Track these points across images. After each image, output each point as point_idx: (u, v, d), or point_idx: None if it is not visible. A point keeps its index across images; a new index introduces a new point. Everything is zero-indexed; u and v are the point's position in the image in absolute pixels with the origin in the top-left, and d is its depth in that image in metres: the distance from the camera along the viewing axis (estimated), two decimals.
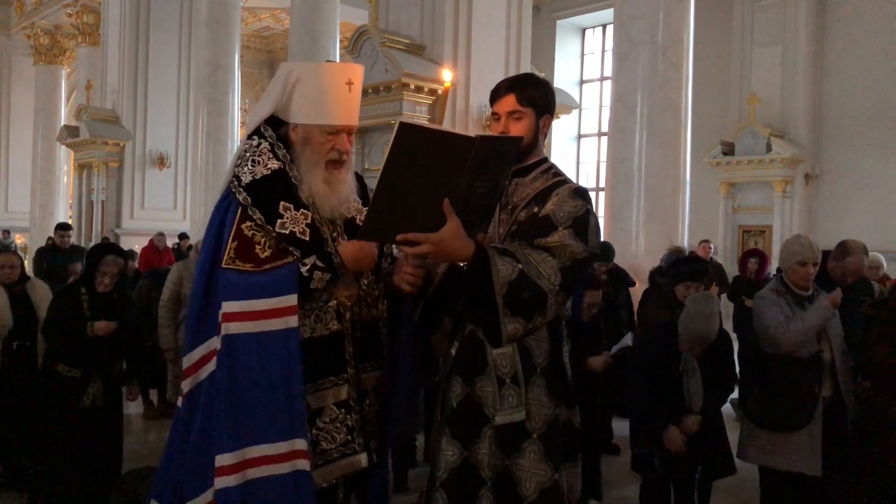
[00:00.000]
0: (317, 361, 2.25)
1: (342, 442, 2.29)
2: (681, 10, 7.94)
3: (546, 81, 2.46)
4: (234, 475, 2.11)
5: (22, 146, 20.53)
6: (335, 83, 2.29)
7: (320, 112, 2.28)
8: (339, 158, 2.32)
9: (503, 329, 2.09)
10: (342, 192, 2.35)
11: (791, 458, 3.85)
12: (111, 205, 15.11)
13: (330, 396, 2.28)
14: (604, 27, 18.75)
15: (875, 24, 13.51)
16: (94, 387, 4.26)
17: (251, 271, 2.19)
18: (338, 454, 2.28)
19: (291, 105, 2.32)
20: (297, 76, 2.31)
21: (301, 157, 2.31)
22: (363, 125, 8.84)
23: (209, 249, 2.27)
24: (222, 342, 2.15)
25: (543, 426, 2.30)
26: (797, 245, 3.99)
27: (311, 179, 2.30)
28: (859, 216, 13.11)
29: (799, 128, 13.91)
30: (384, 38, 8.51)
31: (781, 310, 3.87)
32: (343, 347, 2.31)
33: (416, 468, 5.14)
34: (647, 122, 7.80)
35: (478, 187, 2.03)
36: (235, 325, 2.14)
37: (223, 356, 2.15)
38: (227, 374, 2.14)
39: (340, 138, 2.31)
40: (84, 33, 17.81)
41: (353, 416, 2.31)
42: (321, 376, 2.27)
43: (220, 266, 2.21)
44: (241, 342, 2.14)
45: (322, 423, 2.26)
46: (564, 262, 2.14)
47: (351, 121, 2.33)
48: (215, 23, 13.57)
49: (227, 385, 2.14)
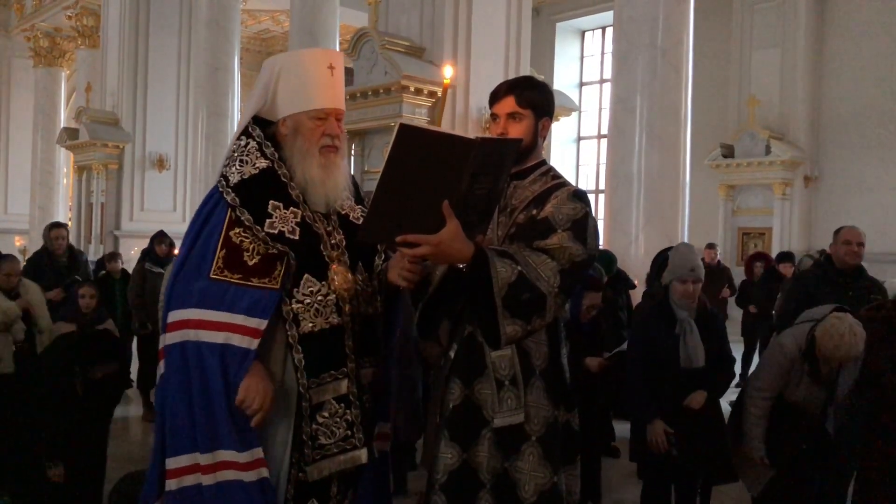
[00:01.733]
0: (318, 355, 2.24)
1: (342, 437, 2.28)
2: (680, 13, 7.93)
3: (545, 84, 2.47)
4: (208, 475, 2.13)
5: (21, 148, 20.51)
6: (317, 68, 2.31)
7: (306, 98, 2.29)
8: (332, 143, 2.31)
9: (502, 331, 2.08)
10: (338, 178, 2.34)
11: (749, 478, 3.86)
12: (111, 207, 15.09)
13: (330, 391, 2.27)
14: (603, 29, 18.76)
15: (874, 26, 13.52)
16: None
17: (234, 282, 2.18)
18: (337, 449, 2.27)
19: (277, 99, 2.33)
20: (280, 68, 2.33)
21: (293, 147, 2.31)
22: (363, 128, 8.86)
23: (185, 248, 2.28)
24: (188, 346, 2.16)
25: (542, 428, 2.30)
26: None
27: (306, 167, 2.29)
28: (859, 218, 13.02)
29: (798, 130, 13.92)
30: (384, 41, 8.52)
31: (784, 377, 3.76)
32: (343, 341, 2.30)
33: (414, 471, 5.13)
34: (647, 125, 7.79)
35: (477, 189, 2.03)
36: (206, 334, 2.15)
37: (192, 359, 2.15)
38: (199, 378, 2.14)
39: (329, 122, 2.31)
40: (84, 35, 17.81)
41: (354, 410, 2.30)
42: (322, 370, 2.26)
43: (194, 268, 2.21)
44: (209, 350, 2.15)
45: (321, 419, 2.26)
46: (563, 264, 2.14)
47: (337, 104, 2.34)
48: (215, 25, 13.58)
49: (200, 388, 2.14)
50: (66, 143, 16.00)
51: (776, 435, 3.80)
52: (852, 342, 3.52)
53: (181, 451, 2.16)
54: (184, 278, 2.22)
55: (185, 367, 2.16)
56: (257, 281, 2.19)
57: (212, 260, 2.19)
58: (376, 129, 8.76)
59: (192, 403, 2.15)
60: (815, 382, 3.73)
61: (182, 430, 2.16)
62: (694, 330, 3.87)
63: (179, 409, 2.17)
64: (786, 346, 3.80)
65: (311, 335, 2.25)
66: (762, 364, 3.97)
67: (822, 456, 3.85)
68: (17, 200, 20.62)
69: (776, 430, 3.81)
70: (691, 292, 3.88)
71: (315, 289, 2.26)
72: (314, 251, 2.28)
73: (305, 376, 2.23)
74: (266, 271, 2.21)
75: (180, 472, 2.16)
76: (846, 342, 3.53)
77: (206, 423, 2.14)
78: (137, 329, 7.23)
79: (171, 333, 2.19)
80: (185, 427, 2.16)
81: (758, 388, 3.84)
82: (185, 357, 2.16)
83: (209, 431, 2.14)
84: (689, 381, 3.85)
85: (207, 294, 2.16)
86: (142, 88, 15.23)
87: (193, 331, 2.15)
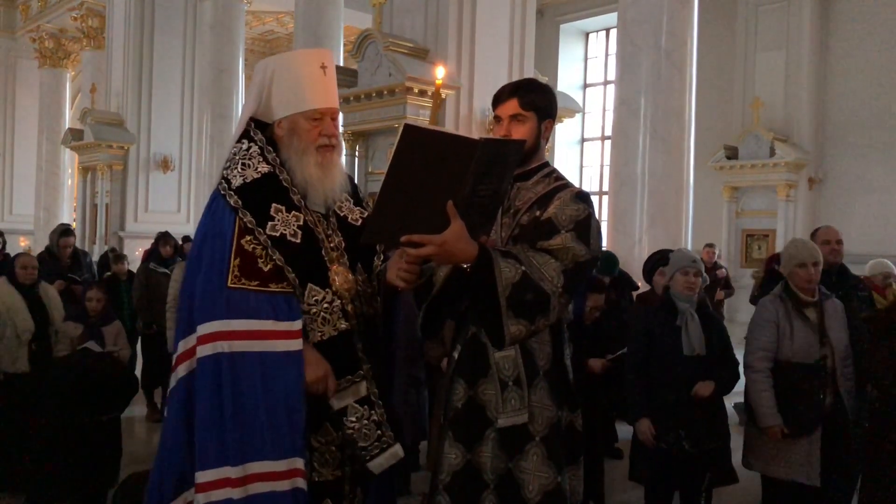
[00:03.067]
0: (332, 363, 2.25)
1: (376, 438, 2.29)
2: (684, 14, 7.93)
3: (548, 86, 2.48)
4: (238, 489, 2.12)
5: (26, 149, 20.55)
6: (309, 68, 2.32)
7: (300, 99, 2.31)
8: (329, 143, 2.33)
9: (506, 331, 2.09)
10: (335, 176, 2.35)
11: (790, 467, 3.84)
12: (115, 208, 15.13)
13: (350, 395, 2.28)
14: (607, 31, 18.75)
15: (879, 28, 13.50)
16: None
17: (253, 289, 2.18)
18: (377, 450, 2.29)
19: (272, 101, 2.35)
20: (273, 70, 2.35)
21: (290, 149, 2.32)
22: (366, 129, 8.87)
23: (195, 252, 2.29)
24: (222, 359, 2.15)
25: (546, 429, 2.30)
26: (793, 248, 4.02)
27: (304, 166, 2.30)
28: (863, 220, 13.11)
29: (802, 132, 13.91)
30: (388, 42, 8.52)
31: (774, 333, 3.88)
32: (353, 345, 2.31)
33: (419, 471, 5.14)
34: (651, 126, 7.79)
35: (481, 190, 2.03)
36: (240, 344, 2.15)
37: (225, 371, 2.15)
38: (231, 391, 2.14)
39: (325, 122, 2.33)
40: (89, 37, 17.84)
41: (378, 410, 2.31)
42: (339, 377, 2.26)
43: (215, 276, 2.20)
44: (244, 360, 2.15)
45: (351, 423, 2.27)
46: (567, 264, 2.15)
47: (331, 103, 2.35)
48: (220, 27, 13.60)
49: (232, 400, 2.14)
50: (70, 143, 16.04)
51: (786, 402, 3.84)
52: (806, 243, 4.03)
53: (209, 466, 2.14)
54: (205, 289, 2.21)
55: (218, 380, 2.14)
56: (275, 286, 2.21)
57: (227, 269, 2.19)
58: (380, 130, 8.76)
59: (223, 416, 2.14)
60: (804, 325, 3.86)
61: (212, 444, 2.14)
62: (695, 318, 3.95)
63: (211, 422, 2.15)
64: (765, 303, 4.02)
65: (322, 344, 2.26)
66: (751, 329, 4.06)
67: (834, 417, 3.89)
68: (22, 201, 20.65)
69: (784, 397, 3.85)
70: (693, 283, 3.97)
71: (320, 297, 2.27)
72: (315, 256, 2.29)
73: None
74: (282, 276, 2.22)
75: (208, 487, 2.14)
76: (800, 243, 4.05)
77: (238, 435, 2.13)
78: (142, 329, 7.25)
79: (203, 346, 2.17)
80: (215, 441, 2.14)
81: (753, 350, 3.95)
82: (218, 369, 2.14)
83: (241, 444, 2.13)
84: (695, 370, 3.89)
85: (231, 304, 2.17)
86: (146, 90, 15.27)
87: (227, 342, 2.14)
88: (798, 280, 3.92)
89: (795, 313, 3.89)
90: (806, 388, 3.82)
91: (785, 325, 3.88)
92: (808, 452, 3.81)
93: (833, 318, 3.94)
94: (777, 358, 3.89)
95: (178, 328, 2.31)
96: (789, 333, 3.87)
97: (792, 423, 3.82)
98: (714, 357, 3.95)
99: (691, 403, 3.85)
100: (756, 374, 3.91)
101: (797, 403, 3.82)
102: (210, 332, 2.16)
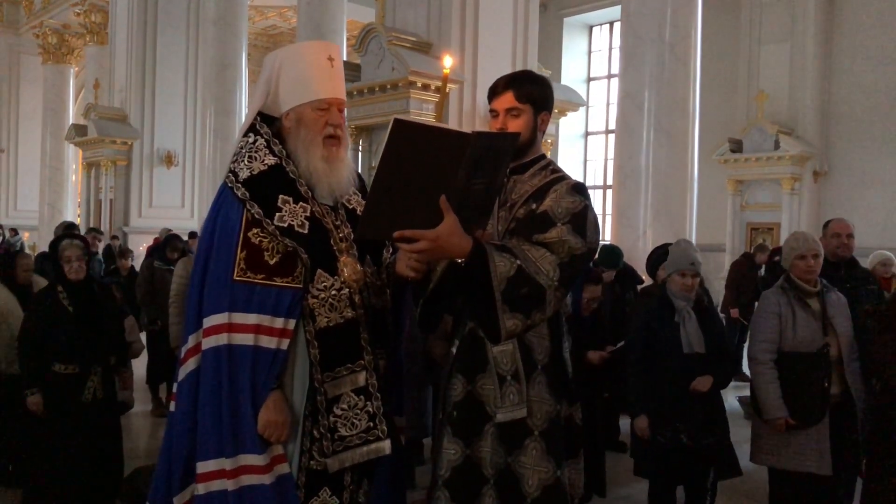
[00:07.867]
0: (334, 350, 2.28)
1: (364, 429, 2.30)
2: (688, 7, 7.89)
3: (544, 78, 2.46)
4: (231, 480, 2.17)
5: (30, 145, 20.61)
6: (317, 60, 2.35)
7: (307, 90, 2.33)
8: (335, 133, 2.35)
9: (502, 325, 2.08)
10: (341, 171, 2.37)
11: (801, 457, 3.84)
12: (119, 203, 15.16)
13: (347, 384, 2.30)
14: (611, 24, 18.68)
15: (884, 21, 13.42)
16: (93, 380, 4.24)
17: (258, 283, 2.22)
18: (359, 440, 2.30)
19: (280, 93, 2.37)
20: (280, 62, 2.38)
21: (297, 139, 2.34)
22: (370, 123, 8.86)
23: (203, 247, 2.32)
24: (222, 350, 2.20)
25: (545, 423, 2.30)
26: (793, 240, 4.05)
27: (310, 158, 2.32)
28: (868, 213, 13.04)
29: (807, 125, 13.83)
30: (391, 36, 8.50)
31: (777, 324, 3.89)
32: (359, 334, 2.33)
33: (423, 465, 5.14)
34: (655, 120, 7.76)
35: (475, 184, 2.02)
36: (239, 336, 2.19)
37: (223, 363, 2.19)
38: (229, 382, 2.19)
39: (332, 112, 2.35)
40: (92, 32, 17.87)
41: (375, 402, 2.32)
42: (337, 364, 2.29)
43: (221, 270, 2.24)
44: (240, 353, 2.20)
45: (339, 410, 2.28)
46: (563, 257, 2.14)
47: (338, 94, 2.38)
48: (223, 21, 13.57)
49: (229, 392, 2.19)
50: (74, 139, 16.08)
51: (791, 392, 3.85)
52: (806, 236, 4.07)
53: (209, 456, 2.20)
54: (212, 282, 2.25)
55: (218, 371, 2.20)
56: (280, 280, 2.23)
57: (234, 262, 2.22)
58: (383, 124, 8.73)
59: (221, 407, 2.19)
60: (807, 314, 3.87)
61: (211, 435, 2.20)
62: (692, 316, 3.97)
63: (210, 414, 2.21)
64: (767, 295, 4.04)
65: (327, 330, 2.28)
66: (754, 321, 4.10)
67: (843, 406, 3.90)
68: (27, 197, 20.72)
69: (789, 387, 3.85)
70: (690, 285, 4.00)
71: (328, 283, 2.29)
72: (324, 245, 2.31)
73: (320, 371, 2.26)
74: (287, 270, 2.25)
75: (208, 477, 2.20)
76: (800, 235, 4.08)
77: (232, 426, 2.18)
78: (147, 325, 7.26)
79: (206, 338, 2.23)
80: (214, 432, 2.20)
81: (757, 341, 3.97)
82: (217, 361, 2.20)
83: (234, 435, 2.18)
84: (693, 367, 3.90)
85: (236, 296, 2.20)
86: (150, 85, 15.29)
87: (227, 334, 2.20)
88: (798, 272, 3.95)
89: (798, 303, 3.91)
90: (810, 377, 3.82)
91: (788, 316, 3.90)
92: (818, 441, 3.81)
93: (836, 309, 3.94)
94: (781, 348, 3.89)
95: (188, 321, 2.35)
96: (792, 323, 3.88)
97: (798, 413, 3.81)
98: (713, 353, 3.96)
99: (689, 398, 3.86)
100: (760, 367, 3.91)
101: (802, 393, 3.82)
102: (214, 324, 2.22)
